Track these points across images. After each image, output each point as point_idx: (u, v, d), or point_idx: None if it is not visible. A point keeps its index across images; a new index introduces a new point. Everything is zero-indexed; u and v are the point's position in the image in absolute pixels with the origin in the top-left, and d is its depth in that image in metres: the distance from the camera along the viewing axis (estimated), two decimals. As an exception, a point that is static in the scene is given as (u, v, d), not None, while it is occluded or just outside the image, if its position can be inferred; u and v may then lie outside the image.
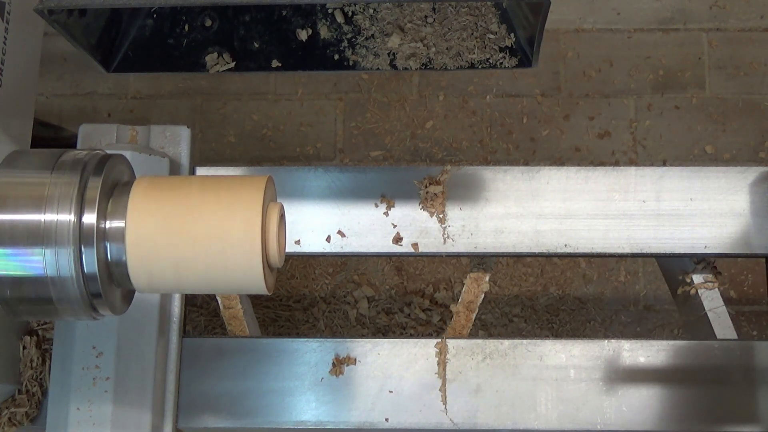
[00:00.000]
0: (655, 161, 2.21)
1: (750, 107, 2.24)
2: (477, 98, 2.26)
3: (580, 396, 1.18)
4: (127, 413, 1.10)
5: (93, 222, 0.80)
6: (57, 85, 2.28)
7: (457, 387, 1.18)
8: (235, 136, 2.24)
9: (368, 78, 2.27)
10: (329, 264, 2.15)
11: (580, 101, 2.25)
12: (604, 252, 1.23)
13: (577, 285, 2.15)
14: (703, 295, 1.25)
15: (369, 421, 1.17)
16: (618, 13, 2.31)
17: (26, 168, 0.83)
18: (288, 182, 1.24)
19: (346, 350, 1.19)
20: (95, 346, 1.11)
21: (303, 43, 1.09)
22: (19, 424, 1.15)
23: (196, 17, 1.09)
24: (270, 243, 0.82)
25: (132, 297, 0.91)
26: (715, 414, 1.17)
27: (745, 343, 1.20)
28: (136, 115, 2.26)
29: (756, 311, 2.12)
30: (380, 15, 1.09)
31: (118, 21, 1.04)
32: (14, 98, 1.18)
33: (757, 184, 1.23)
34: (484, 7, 1.05)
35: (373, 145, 2.24)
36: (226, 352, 1.20)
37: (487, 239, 1.23)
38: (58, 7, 0.87)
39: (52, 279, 0.80)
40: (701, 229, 1.23)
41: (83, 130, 1.22)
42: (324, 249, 1.23)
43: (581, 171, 1.25)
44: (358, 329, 2.09)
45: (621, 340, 1.20)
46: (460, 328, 1.24)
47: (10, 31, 1.16)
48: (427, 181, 1.24)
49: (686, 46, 2.28)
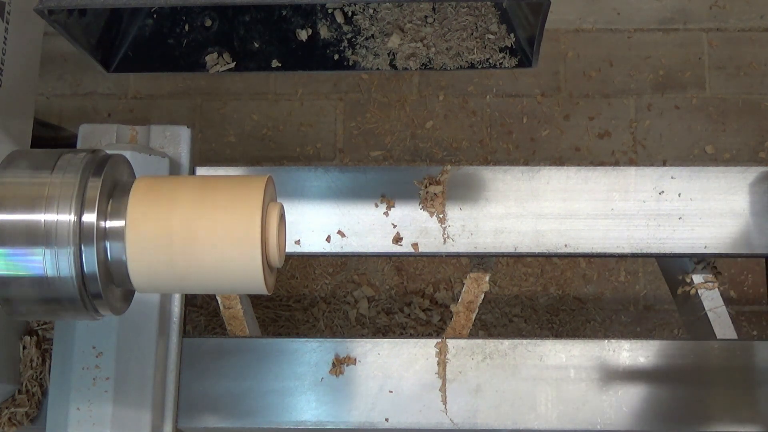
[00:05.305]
0: (655, 161, 2.21)
1: (750, 107, 2.24)
2: (477, 98, 2.26)
3: (580, 396, 1.18)
4: (127, 413, 1.10)
5: (93, 222, 0.80)
6: (57, 85, 2.28)
7: (457, 387, 1.18)
8: (235, 136, 2.24)
9: (368, 78, 2.27)
10: (329, 264, 2.15)
11: (580, 101, 2.25)
12: (604, 252, 1.23)
13: (577, 285, 2.15)
14: (703, 295, 1.25)
15: (369, 421, 1.17)
16: (618, 13, 2.31)
17: (26, 168, 0.83)
18: (288, 182, 1.24)
19: (346, 350, 1.19)
20: (95, 346, 1.11)
21: (303, 43, 1.09)
22: (19, 424, 1.15)
23: (196, 17, 1.09)
24: (270, 243, 0.82)
25: (132, 297, 0.91)
26: (715, 414, 1.17)
27: (745, 343, 1.20)
28: (136, 115, 2.26)
29: (756, 311, 2.12)
30: (380, 15, 1.09)
31: (118, 21, 1.04)
32: (14, 98, 1.18)
33: (757, 184, 1.23)
34: (484, 7, 1.05)
35: (373, 145, 2.24)
36: (226, 352, 1.20)
37: (487, 239, 1.23)
38: (58, 7, 0.87)
39: (52, 279, 0.80)
40: (701, 229, 1.23)
41: (83, 130, 1.22)
42: (324, 249, 1.23)
43: (581, 171, 1.25)
44: (358, 329, 2.09)
45: (621, 340, 1.20)
46: (460, 328, 1.24)
47: (10, 31, 1.16)
48: (427, 181, 1.24)
49: (686, 46, 2.28)
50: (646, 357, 1.19)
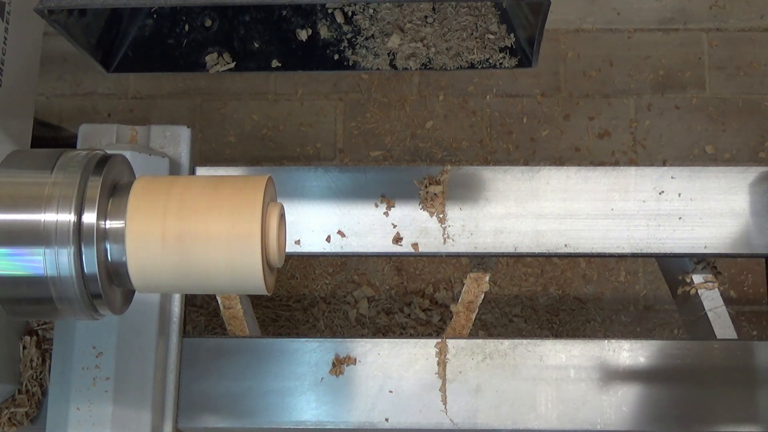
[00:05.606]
0: (655, 161, 2.21)
1: (750, 107, 2.24)
2: (477, 98, 2.26)
3: (580, 396, 1.18)
4: (127, 413, 1.10)
5: (93, 222, 0.80)
6: (57, 85, 2.28)
7: (457, 387, 1.18)
8: (235, 136, 2.24)
9: (368, 78, 2.27)
10: (329, 264, 2.15)
11: (580, 101, 2.25)
12: (604, 252, 1.23)
13: (577, 285, 2.15)
14: (703, 295, 1.26)
15: (369, 421, 1.17)
16: (618, 13, 2.31)
17: (26, 168, 0.83)
18: (288, 182, 1.24)
19: (346, 350, 1.19)
20: (95, 346, 1.11)
21: (303, 43, 1.09)
22: (19, 424, 1.15)
23: (196, 17, 1.09)
24: (270, 243, 0.82)
25: (132, 297, 0.91)
26: (715, 414, 1.17)
27: (745, 343, 1.20)
28: (136, 115, 2.26)
29: (756, 311, 2.12)
30: (380, 15, 1.09)
31: (118, 21, 1.04)
32: (14, 98, 1.18)
33: (757, 184, 1.23)
34: (484, 7, 1.05)
35: (373, 145, 2.24)
36: (226, 352, 1.20)
37: (487, 239, 1.23)
38: (58, 7, 0.87)
39: (52, 279, 0.80)
40: (701, 229, 1.23)
41: (83, 130, 1.22)
42: (324, 249, 1.23)
43: (581, 171, 1.25)
44: (358, 329, 2.09)
45: (621, 340, 1.20)
46: (460, 328, 1.24)
47: (10, 31, 1.16)
48: (427, 181, 1.24)
49: (686, 46, 2.28)
50: (646, 357, 1.19)
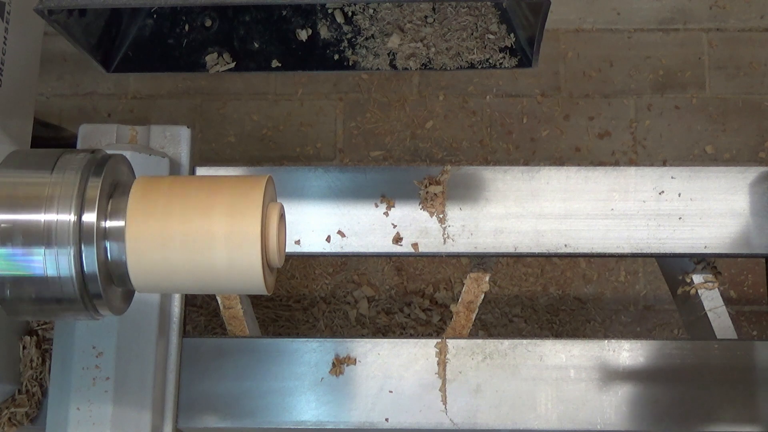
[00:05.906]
0: (655, 161, 2.21)
1: (750, 107, 2.24)
2: (477, 98, 2.26)
3: (580, 396, 1.18)
4: (127, 413, 1.10)
5: (93, 222, 0.80)
6: (57, 85, 2.28)
7: (457, 387, 1.18)
8: (235, 136, 2.24)
9: (368, 78, 2.27)
10: (329, 264, 2.15)
11: (580, 101, 2.25)
12: (604, 252, 1.23)
13: (577, 285, 2.15)
14: (703, 295, 1.26)
15: (369, 421, 1.17)
16: (618, 13, 2.31)
17: (26, 168, 0.83)
18: (288, 182, 1.24)
19: (346, 350, 1.19)
20: (95, 346, 1.11)
21: (303, 43, 1.09)
22: (19, 424, 1.15)
23: (196, 17, 1.09)
24: (270, 243, 0.82)
25: (132, 297, 0.91)
26: (715, 414, 1.17)
27: (745, 343, 1.20)
28: (136, 115, 2.26)
29: (756, 311, 2.12)
30: (380, 15, 1.09)
31: (118, 21, 1.04)
32: (14, 98, 1.18)
33: (757, 184, 1.23)
34: (484, 7, 1.05)
35: (373, 145, 2.24)
36: (226, 352, 1.20)
37: (487, 239, 1.23)
38: (58, 7, 0.87)
39: (52, 279, 0.80)
40: (701, 229, 1.23)
41: (83, 130, 1.22)
42: (324, 249, 1.23)
43: (581, 171, 1.25)
44: (358, 329, 2.09)
45: (621, 340, 1.20)
46: (460, 328, 1.24)
47: (10, 31, 1.16)
48: (427, 181, 1.24)
49: (686, 46, 2.28)
50: (646, 357, 1.19)
